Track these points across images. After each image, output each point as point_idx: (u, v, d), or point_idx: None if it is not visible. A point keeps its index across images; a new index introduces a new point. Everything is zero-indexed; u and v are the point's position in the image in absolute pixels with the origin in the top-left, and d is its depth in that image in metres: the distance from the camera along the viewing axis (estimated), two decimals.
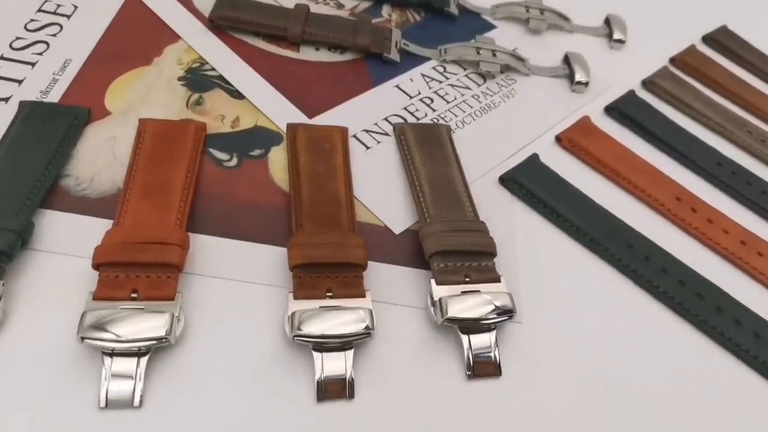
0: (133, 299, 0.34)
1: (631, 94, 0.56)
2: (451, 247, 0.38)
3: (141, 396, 0.32)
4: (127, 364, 0.32)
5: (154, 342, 0.33)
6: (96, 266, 0.35)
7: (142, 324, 0.33)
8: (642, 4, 0.67)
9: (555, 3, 0.63)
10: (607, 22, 0.63)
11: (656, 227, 0.46)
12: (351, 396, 0.34)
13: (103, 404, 0.32)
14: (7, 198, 0.37)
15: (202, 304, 0.36)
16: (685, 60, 0.61)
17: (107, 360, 0.32)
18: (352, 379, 0.34)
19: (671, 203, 0.47)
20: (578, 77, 0.55)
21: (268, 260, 0.39)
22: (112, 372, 0.32)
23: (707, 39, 0.65)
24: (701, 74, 0.60)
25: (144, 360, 0.33)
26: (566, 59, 0.57)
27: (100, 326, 0.32)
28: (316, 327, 0.34)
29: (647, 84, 0.57)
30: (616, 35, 0.61)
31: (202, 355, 0.35)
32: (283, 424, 0.33)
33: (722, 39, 0.65)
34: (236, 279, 0.38)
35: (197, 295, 0.37)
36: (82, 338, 0.32)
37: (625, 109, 0.54)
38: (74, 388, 0.33)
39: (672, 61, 0.61)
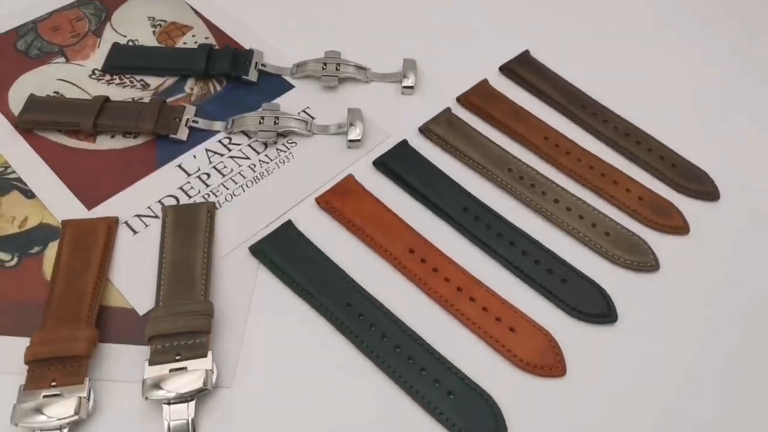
0: None
1: (403, 144, 0.61)
2: (163, 331, 0.46)
3: None
4: None
5: None
6: None
7: None
8: (443, 38, 0.71)
9: (357, 51, 0.68)
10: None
11: (390, 283, 0.52)
12: None
13: None
14: None
15: None
16: (469, 99, 0.65)
17: None
18: None
19: (404, 256, 0.53)
20: (350, 135, 0.61)
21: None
22: None
23: (504, 69, 0.69)
24: (483, 112, 0.64)
25: None
26: (347, 115, 0.63)
27: None
28: None
29: (423, 131, 0.62)
30: (405, 81, 0.66)
31: None
32: None
33: (517, 68, 0.68)
34: None
35: None
36: None
37: (389, 162, 0.59)
38: None
39: (458, 100, 0.66)
